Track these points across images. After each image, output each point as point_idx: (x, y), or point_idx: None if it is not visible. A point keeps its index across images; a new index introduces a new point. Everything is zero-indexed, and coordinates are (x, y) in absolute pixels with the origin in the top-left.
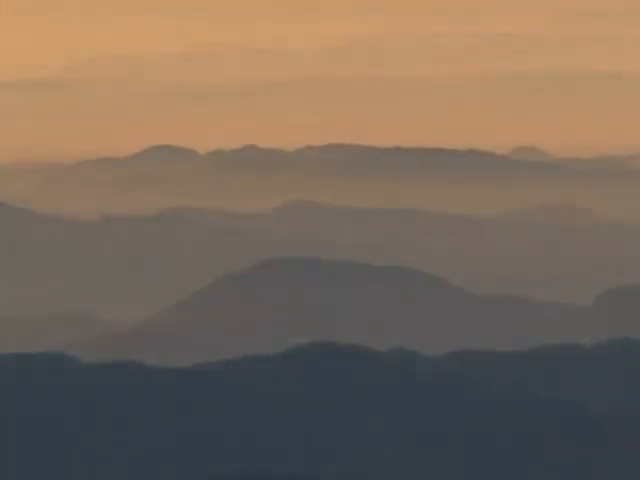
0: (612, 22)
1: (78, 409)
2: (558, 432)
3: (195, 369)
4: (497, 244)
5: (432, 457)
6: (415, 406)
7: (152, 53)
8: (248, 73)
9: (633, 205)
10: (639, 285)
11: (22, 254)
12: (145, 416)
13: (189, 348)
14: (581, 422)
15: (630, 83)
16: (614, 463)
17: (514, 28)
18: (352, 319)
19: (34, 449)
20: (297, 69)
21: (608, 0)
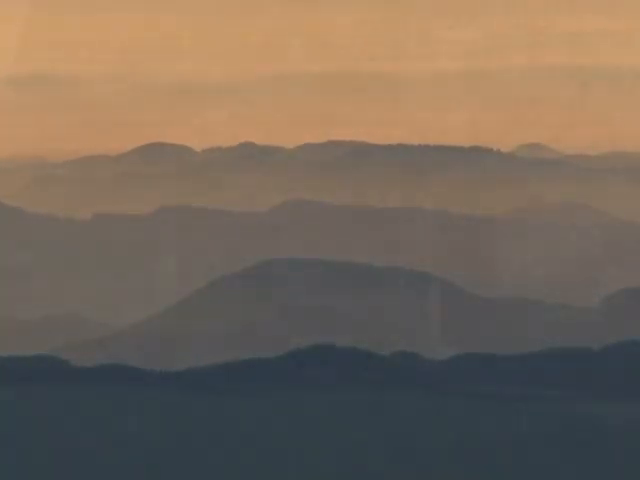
0: (621, 17)
1: (72, 414)
2: (562, 437)
3: (194, 372)
4: (500, 244)
5: (433, 461)
6: (416, 410)
7: (147, 48)
8: (246, 68)
9: None
10: None
11: (15, 254)
12: (142, 421)
13: (188, 350)
14: (586, 426)
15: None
16: (617, 468)
17: (522, 22)
18: (352, 320)
19: (28, 454)
20: (297, 64)
21: None
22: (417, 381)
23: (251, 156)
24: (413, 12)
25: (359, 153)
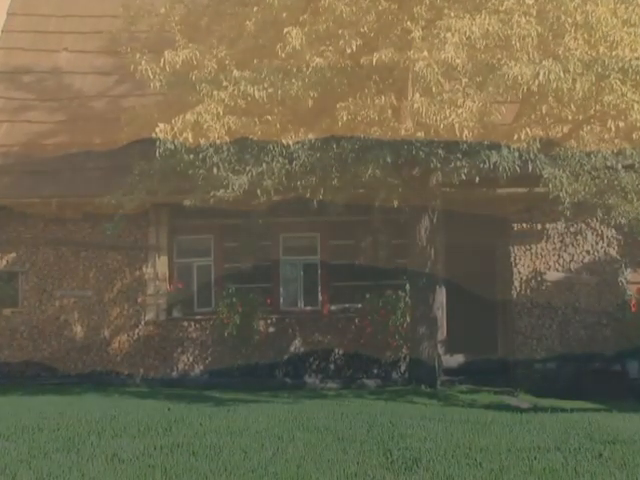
0: None
1: (64, 423)
2: (572, 446)
3: (189, 379)
4: (509, 244)
5: (437, 468)
6: (419, 416)
7: (137, 39)
8: (241, 60)
9: None
10: None
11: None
12: (137, 427)
13: (183, 355)
14: (601, 436)
15: None
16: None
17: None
18: (353, 323)
19: (17, 464)
20: (296, 55)
21: None
22: (421, 387)
23: (247, 152)
24: (419, 1)
25: (361, 149)
